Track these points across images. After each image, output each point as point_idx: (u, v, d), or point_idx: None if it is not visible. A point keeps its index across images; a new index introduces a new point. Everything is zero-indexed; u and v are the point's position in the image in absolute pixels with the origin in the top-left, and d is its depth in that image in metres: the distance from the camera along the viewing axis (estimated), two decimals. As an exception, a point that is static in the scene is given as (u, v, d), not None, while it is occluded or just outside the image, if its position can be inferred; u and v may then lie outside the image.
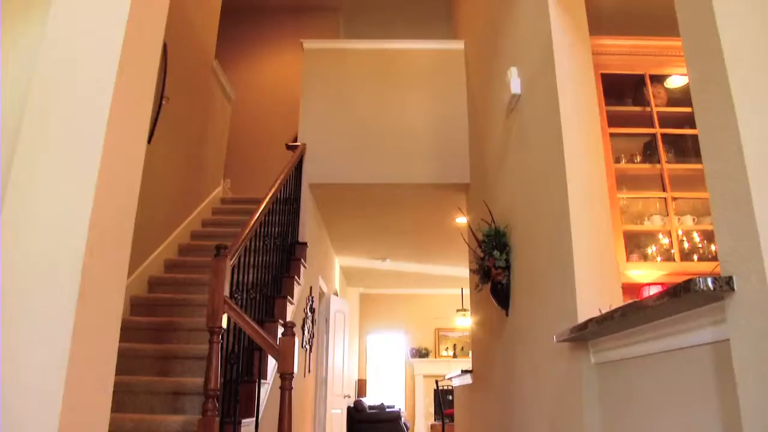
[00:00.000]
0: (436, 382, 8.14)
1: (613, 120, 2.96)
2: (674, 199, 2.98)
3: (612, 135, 2.93)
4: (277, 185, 4.17)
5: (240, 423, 2.92)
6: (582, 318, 2.20)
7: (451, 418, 7.44)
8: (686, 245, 2.98)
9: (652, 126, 3.02)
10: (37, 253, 1.54)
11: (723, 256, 1.31)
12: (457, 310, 10.06)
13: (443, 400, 8.21)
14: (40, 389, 1.45)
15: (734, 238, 1.27)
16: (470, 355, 5.28)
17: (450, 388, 8.84)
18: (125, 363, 3.65)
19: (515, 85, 3.26)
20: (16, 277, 1.52)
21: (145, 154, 1.97)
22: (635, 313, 1.62)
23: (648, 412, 1.78)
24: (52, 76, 1.69)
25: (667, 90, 3.15)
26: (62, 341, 1.47)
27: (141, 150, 1.93)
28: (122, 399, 3.34)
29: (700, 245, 3.00)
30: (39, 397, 1.44)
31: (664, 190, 2.97)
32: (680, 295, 1.32)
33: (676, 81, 3.14)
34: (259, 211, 3.66)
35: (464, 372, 5.21)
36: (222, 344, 2.94)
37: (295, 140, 5.54)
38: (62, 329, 1.48)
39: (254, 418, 3.10)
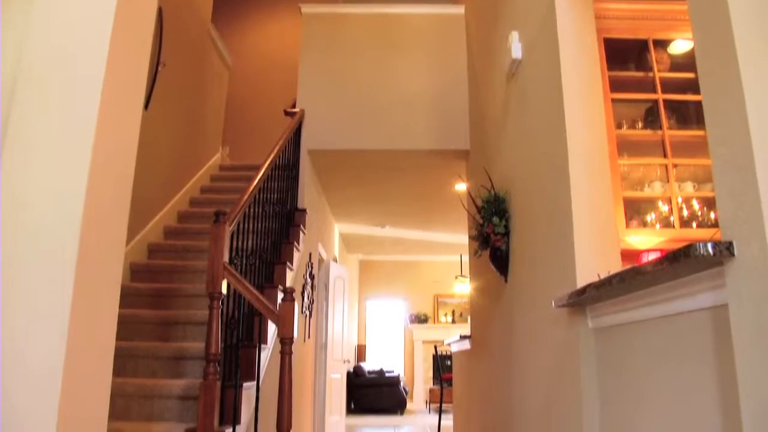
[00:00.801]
0: (435, 347, 8.24)
1: (614, 85, 2.92)
2: (675, 165, 2.96)
3: (613, 100, 2.89)
4: (275, 151, 4.15)
5: (241, 386, 2.96)
6: (581, 283, 2.21)
7: (450, 382, 7.55)
8: (685, 213, 2.98)
9: (654, 92, 2.98)
10: (34, 221, 1.53)
11: (724, 221, 1.31)
12: (456, 277, 10.13)
13: (442, 365, 8.32)
14: (40, 360, 1.45)
15: (735, 204, 1.27)
16: (469, 320, 5.33)
17: (448, 353, 8.95)
18: (126, 328, 3.68)
19: (516, 50, 3.21)
20: (14, 246, 1.51)
21: (141, 120, 1.95)
22: (634, 278, 1.62)
23: (645, 376, 1.80)
24: (45, 41, 1.66)
25: (670, 55, 3.10)
26: (62, 308, 1.47)
27: (137, 115, 1.91)
28: (124, 364, 3.38)
29: (699, 212, 2.99)
30: (39, 368, 1.45)
31: (665, 157, 2.95)
32: (680, 260, 1.32)
33: (679, 46, 3.09)
34: (258, 177, 3.65)
35: (463, 337, 5.26)
36: (222, 310, 2.96)
37: (294, 106, 5.49)
38: (61, 296, 1.48)
39: (255, 382, 3.13)
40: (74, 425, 1.49)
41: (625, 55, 3.14)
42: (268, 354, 3.56)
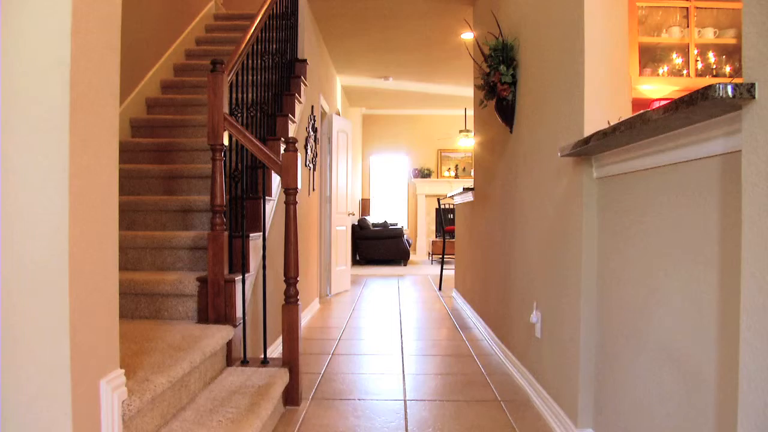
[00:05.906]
0: (438, 200, 8.37)
1: None
2: (697, 8, 2.79)
3: (637, -66, 2.67)
4: (272, -3, 3.92)
5: (248, 237, 3.02)
6: (589, 133, 2.17)
7: (452, 234, 7.76)
8: (700, 65, 2.87)
9: None
10: (26, 62, 1.46)
11: (748, 61, 1.23)
12: (460, 131, 10.04)
13: (444, 218, 8.50)
14: (42, 202, 1.45)
15: (763, 42, 1.18)
16: (472, 174, 5.34)
17: (451, 206, 9.12)
18: (132, 183, 3.71)
19: None
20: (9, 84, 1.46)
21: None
22: (644, 124, 1.57)
23: (645, 223, 1.81)
24: None
25: None
26: (61, 152, 1.45)
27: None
28: (133, 218, 3.44)
29: (714, 65, 2.89)
30: (42, 211, 1.45)
31: (687, -1, 2.78)
32: (696, 103, 1.26)
33: None
34: (254, 25, 3.47)
35: (466, 189, 5.32)
36: (225, 162, 2.94)
37: (290, -54, 5.10)
38: (59, 140, 1.45)
39: (261, 233, 3.20)
40: (84, 275, 1.53)
41: None
42: (273, 206, 3.61)
